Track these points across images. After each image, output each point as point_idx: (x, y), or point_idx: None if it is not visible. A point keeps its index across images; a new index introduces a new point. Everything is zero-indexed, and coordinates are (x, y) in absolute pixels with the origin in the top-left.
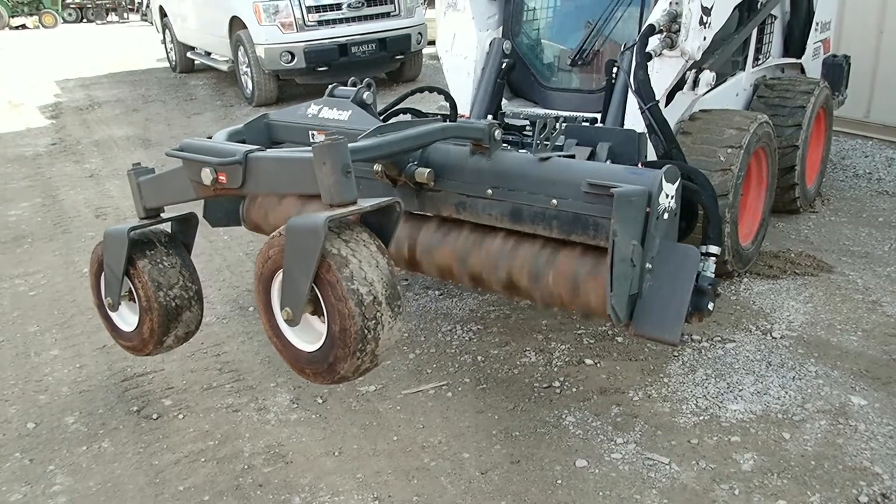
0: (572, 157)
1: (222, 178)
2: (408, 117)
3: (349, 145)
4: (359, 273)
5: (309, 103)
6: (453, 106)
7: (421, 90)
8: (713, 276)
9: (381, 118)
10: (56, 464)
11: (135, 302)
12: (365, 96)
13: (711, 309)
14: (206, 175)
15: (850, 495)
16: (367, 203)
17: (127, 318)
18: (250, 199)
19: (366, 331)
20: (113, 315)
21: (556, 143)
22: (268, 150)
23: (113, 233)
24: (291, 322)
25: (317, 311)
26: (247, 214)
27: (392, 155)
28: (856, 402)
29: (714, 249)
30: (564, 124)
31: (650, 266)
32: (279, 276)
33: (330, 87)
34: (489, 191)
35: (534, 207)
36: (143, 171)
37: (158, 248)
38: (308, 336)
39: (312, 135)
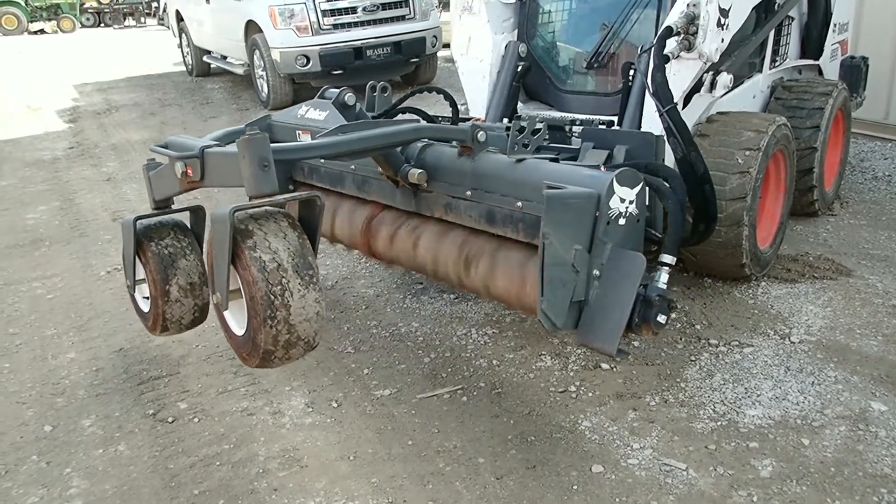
0: (556, 160)
1: (190, 171)
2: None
3: (277, 145)
4: (262, 243)
5: (301, 105)
6: (454, 106)
7: (420, 90)
8: (665, 287)
9: (384, 118)
10: (73, 467)
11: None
12: (346, 98)
13: (663, 322)
14: (178, 169)
15: (871, 503)
16: (282, 196)
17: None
18: None
19: (272, 297)
20: (137, 298)
21: (568, 145)
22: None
23: (124, 223)
24: (221, 306)
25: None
26: None
27: (343, 155)
28: (876, 408)
29: (667, 259)
30: (543, 125)
31: (598, 273)
32: None
33: (322, 89)
34: (468, 192)
35: (504, 210)
36: (155, 165)
37: (154, 217)
38: (242, 320)
39: (298, 134)
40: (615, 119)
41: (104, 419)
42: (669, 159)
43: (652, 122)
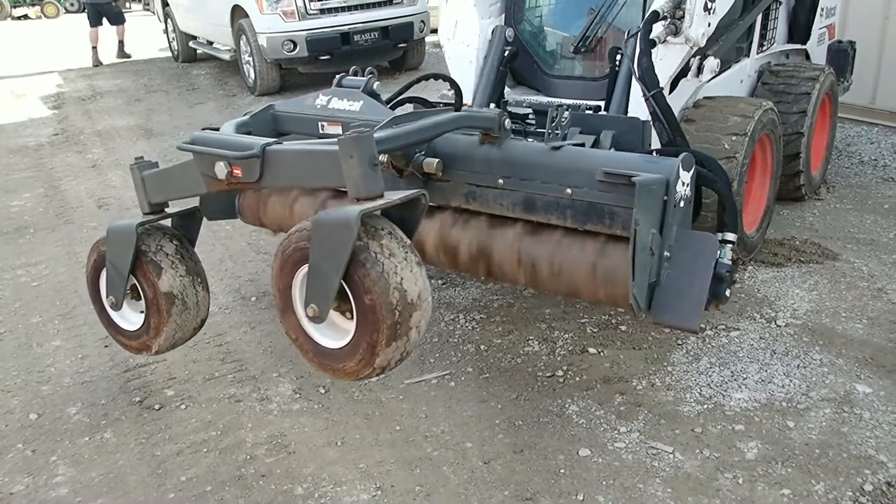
0: (582, 145)
1: (237, 171)
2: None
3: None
4: (381, 252)
5: (317, 94)
6: (458, 94)
7: (426, 77)
8: (730, 262)
9: (388, 107)
10: (58, 455)
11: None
12: (375, 86)
13: (728, 295)
14: (221, 169)
15: (855, 484)
16: (395, 196)
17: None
18: (246, 192)
19: (396, 313)
20: (118, 315)
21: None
22: (284, 142)
23: (115, 228)
24: (317, 319)
25: (342, 308)
26: (243, 208)
27: (410, 145)
28: (861, 390)
29: (731, 236)
30: (568, 112)
31: (668, 254)
32: (302, 271)
33: (337, 77)
34: (500, 180)
35: (547, 197)
36: (147, 165)
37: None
38: (333, 332)
39: (322, 126)
40: (602, 104)
41: (90, 407)
42: (655, 144)
43: (639, 106)
